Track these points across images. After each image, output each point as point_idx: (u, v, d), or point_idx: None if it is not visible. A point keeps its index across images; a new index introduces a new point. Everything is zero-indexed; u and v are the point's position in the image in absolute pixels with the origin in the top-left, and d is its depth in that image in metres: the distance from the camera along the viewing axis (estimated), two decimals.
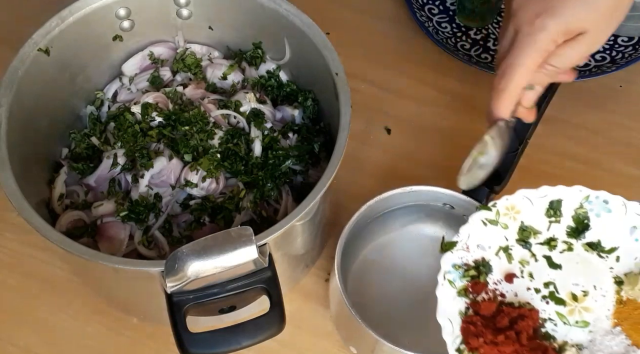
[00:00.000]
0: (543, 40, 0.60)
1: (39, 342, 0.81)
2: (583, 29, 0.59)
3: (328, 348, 0.81)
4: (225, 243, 0.62)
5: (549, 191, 0.69)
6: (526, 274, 0.68)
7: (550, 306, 0.67)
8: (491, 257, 0.69)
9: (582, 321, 0.66)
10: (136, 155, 0.78)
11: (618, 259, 0.68)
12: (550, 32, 0.59)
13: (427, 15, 1.02)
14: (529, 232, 0.70)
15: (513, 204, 0.70)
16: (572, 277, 0.68)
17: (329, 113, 0.79)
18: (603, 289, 0.68)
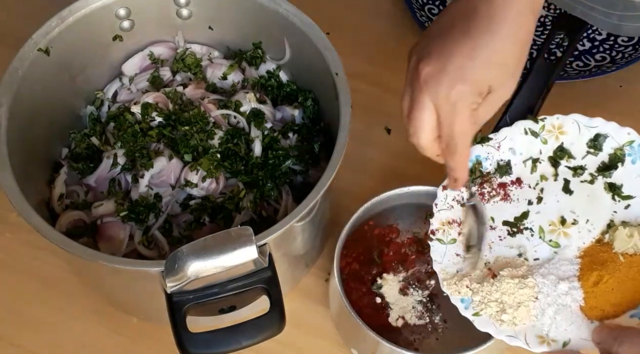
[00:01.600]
0: (465, 110, 0.61)
1: (39, 342, 0.81)
2: (490, 89, 0.61)
3: (328, 348, 0.81)
4: (225, 243, 0.62)
5: (601, 124, 0.71)
6: (538, 188, 0.72)
7: (537, 219, 0.71)
8: (517, 162, 0.72)
9: (555, 242, 0.71)
10: (136, 155, 0.78)
11: (627, 207, 0.71)
12: (468, 101, 0.61)
13: (427, 15, 1.02)
14: (564, 154, 0.72)
15: (561, 124, 0.72)
16: (574, 205, 0.71)
17: (329, 113, 0.79)
18: (593, 226, 0.71)
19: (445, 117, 0.62)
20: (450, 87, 0.60)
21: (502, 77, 0.61)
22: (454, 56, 0.60)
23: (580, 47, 1.00)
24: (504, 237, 0.72)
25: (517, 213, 0.72)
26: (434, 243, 0.71)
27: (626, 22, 0.90)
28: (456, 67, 0.60)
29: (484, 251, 0.71)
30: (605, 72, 0.96)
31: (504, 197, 0.72)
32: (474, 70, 0.60)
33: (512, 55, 0.60)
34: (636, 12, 0.90)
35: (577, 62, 0.99)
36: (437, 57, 0.61)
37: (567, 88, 0.95)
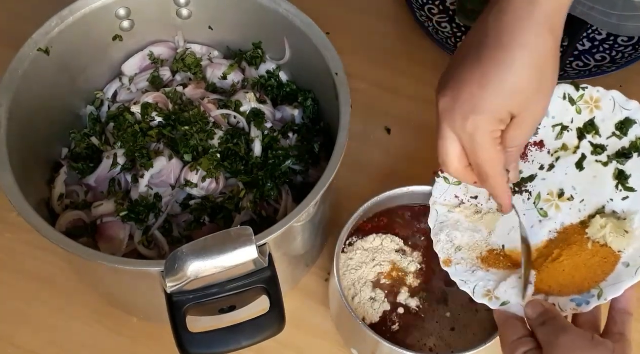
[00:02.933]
0: (484, 138, 0.60)
1: (39, 342, 0.81)
2: (512, 114, 0.60)
3: (328, 348, 0.81)
4: (225, 243, 0.62)
5: (634, 108, 0.70)
6: (555, 156, 0.72)
7: (540, 185, 0.72)
8: (547, 125, 0.72)
9: (544, 212, 0.71)
10: (136, 155, 0.78)
11: (624, 199, 0.70)
12: (485, 130, 0.60)
13: (427, 15, 1.02)
14: (593, 129, 0.71)
15: (599, 98, 0.71)
16: (578, 182, 0.71)
17: (329, 113, 0.79)
18: (585, 207, 0.70)
19: (467, 147, 0.62)
20: (465, 118, 0.60)
21: (520, 103, 0.59)
22: (466, 86, 0.59)
23: (580, 47, 1.00)
24: None
25: (526, 175, 0.72)
26: (439, 180, 0.73)
27: (626, 22, 0.91)
28: (468, 98, 0.59)
29: (481, 199, 0.72)
30: (605, 72, 0.96)
31: (522, 155, 0.72)
32: (486, 100, 0.59)
33: (527, 80, 0.58)
34: (636, 12, 0.90)
35: (577, 62, 0.99)
36: (452, 87, 0.60)
37: None
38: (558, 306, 0.65)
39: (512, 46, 0.57)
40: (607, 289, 0.64)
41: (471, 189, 0.73)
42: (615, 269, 0.66)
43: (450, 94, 0.60)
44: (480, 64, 0.59)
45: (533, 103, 0.60)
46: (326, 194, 0.69)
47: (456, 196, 0.74)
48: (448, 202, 0.73)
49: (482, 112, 0.59)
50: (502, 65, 0.58)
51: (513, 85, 0.58)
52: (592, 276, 0.66)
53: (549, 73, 0.59)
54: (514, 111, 0.60)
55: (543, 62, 0.58)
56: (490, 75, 0.58)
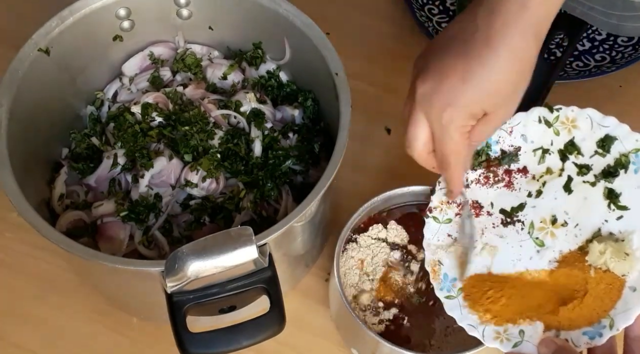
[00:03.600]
0: (456, 131, 0.62)
1: (39, 342, 0.81)
2: (485, 112, 0.61)
3: (328, 348, 0.81)
4: (225, 243, 0.62)
5: (612, 125, 0.69)
6: (541, 181, 0.71)
7: (531, 213, 0.71)
8: (527, 150, 0.71)
9: (540, 241, 0.70)
10: (136, 155, 0.78)
11: (619, 218, 0.69)
12: (459, 123, 0.61)
13: (427, 15, 1.02)
14: (574, 149, 0.71)
15: (575, 118, 0.71)
16: (569, 206, 0.70)
17: (329, 113, 0.79)
18: (581, 231, 0.69)
19: (437, 136, 0.63)
20: (442, 109, 0.61)
21: (495, 102, 0.61)
22: (448, 78, 0.60)
23: (580, 47, 1.00)
24: (497, 225, 0.71)
25: (515, 204, 0.71)
26: (429, 220, 0.72)
27: (626, 22, 0.91)
28: (449, 89, 0.60)
29: (475, 236, 0.71)
30: (605, 72, 0.96)
31: (507, 184, 0.72)
32: (466, 95, 0.60)
33: (507, 81, 0.59)
34: (636, 12, 0.90)
35: (577, 62, 0.99)
36: (433, 76, 0.61)
37: (567, 88, 0.95)
38: (571, 341, 0.64)
39: (499, 46, 0.58)
40: (617, 318, 0.63)
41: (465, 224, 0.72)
42: (623, 295, 0.65)
43: (431, 83, 0.61)
44: (466, 59, 0.59)
45: (506, 104, 0.61)
46: (326, 194, 0.69)
47: (449, 234, 0.72)
48: (442, 243, 0.72)
49: (460, 105, 0.60)
50: (487, 64, 0.58)
51: (494, 84, 0.59)
52: (600, 304, 0.65)
53: (525, 78, 0.60)
54: (488, 109, 0.61)
55: (523, 67, 0.59)
56: (475, 72, 0.59)
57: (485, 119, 0.62)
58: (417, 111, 0.63)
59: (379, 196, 0.75)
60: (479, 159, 0.72)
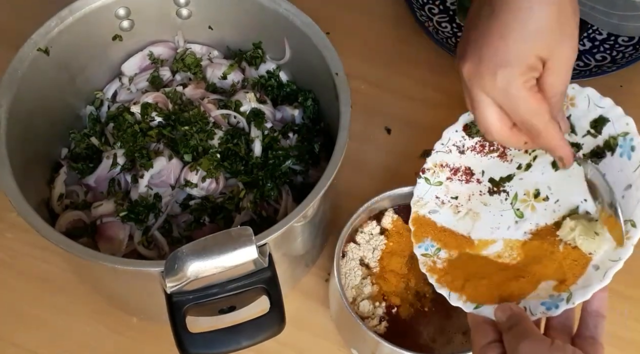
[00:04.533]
0: (520, 90, 0.58)
1: (39, 342, 0.81)
2: (541, 58, 0.58)
3: (328, 348, 0.81)
4: (225, 243, 0.62)
5: (608, 106, 0.69)
6: (532, 155, 0.72)
7: (517, 185, 0.72)
8: None
9: (520, 212, 0.72)
10: (136, 155, 0.78)
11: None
12: (518, 80, 0.58)
13: (427, 15, 1.02)
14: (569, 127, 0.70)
15: (574, 96, 0.70)
16: (553, 182, 0.71)
17: (329, 113, 0.79)
18: (560, 207, 0.70)
19: (505, 105, 0.60)
20: (493, 74, 0.58)
21: (545, 44, 0.57)
22: (486, 43, 0.58)
23: (580, 47, 1.00)
24: (484, 193, 0.73)
25: (504, 174, 0.73)
26: (420, 181, 0.74)
27: (627, 22, 0.91)
28: (491, 53, 0.58)
29: (461, 200, 0.73)
30: (606, 72, 0.96)
31: (501, 154, 0.73)
32: (509, 49, 0.57)
33: (548, 20, 0.56)
34: (637, 12, 0.90)
35: (578, 62, 0.99)
36: (472, 50, 0.59)
37: None
38: (529, 309, 0.64)
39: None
40: (576, 293, 0.63)
41: (451, 189, 0.74)
42: (586, 272, 0.65)
43: (472, 58, 0.59)
44: (496, 17, 0.57)
45: (560, 44, 0.58)
46: (326, 194, 0.69)
47: (437, 196, 0.74)
48: (429, 203, 0.74)
49: (510, 63, 0.57)
50: (519, 10, 0.56)
51: (534, 27, 0.56)
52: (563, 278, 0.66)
53: (568, 12, 0.57)
54: (542, 54, 0.58)
55: (560, 1, 0.57)
56: (510, 23, 0.56)
57: (548, 68, 0.59)
58: (474, 93, 0.60)
59: (379, 196, 0.75)
60: (474, 128, 0.72)
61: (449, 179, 0.74)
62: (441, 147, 0.74)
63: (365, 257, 0.75)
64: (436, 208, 0.74)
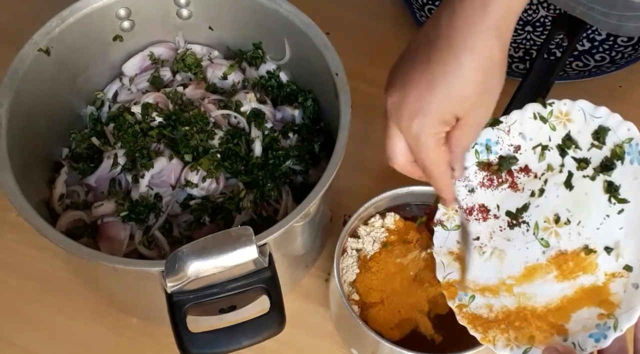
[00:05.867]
0: (429, 139, 0.61)
1: (39, 342, 0.81)
2: (457, 116, 0.60)
3: (328, 348, 0.81)
4: (225, 243, 0.62)
5: (604, 115, 0.68)
6: (543, 179, 0.70)
7: (535, 213, 0.70)
8: (527, 148, 0.70)
9: (546, 241, 0.69)
10: (136, 155, 0.78)
11: (620, 212, 0.68)
12: (429, 131, 0.60)
13: (427, 15, 1.02)
14: (571, 143, 0.70)
15: (568, 111, 0.69)
16: (571, 203, 0.69)
17: (329, 113, 0.79)
18: (584, 228, 0.68)
19: (412, 146, 0.63)
20: (410, 119, 0.60)
21: (464, 107, 0.60)
22: (414, 87, 0.60)
23: (580, 47, 1.00)
24: (504, 228, 0.71)
25: (520, 205, 0.71)
26: (437, 229, 0.72)
27: (626, 22, 0.90)
28: (415, 99, 0.60)
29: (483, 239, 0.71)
30: (605, 72, 0.96)
31: (511, 185, 0.71)
32: (432, 102, 0.59)
33: (474, 84, 0.58)
34: (636, 12, 0.90)
35: (577, 62, 0.99)
36: (400, 86, 0.61)
37: (567, 88, 0.95)
38: (577, 344, 0.64)
39: (461, 50, 0.57)
40: (621, 318, 0.63)
41: (471, 230, 0.71)
42: (626, 293, 0.64)
43: (398, 94, 0.61)
44: (429, 66, 0.59)
45: (477, 107, 0.60)
46: (326, 194, 0.69)
47: (457, 240, 0.72)
48: (452, 250, 0.72)
49: (428, 113, 0.59)
50: (450, 69, 0.58)
51: (460, 89, 0.58)
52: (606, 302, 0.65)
53: (494, 78, 0.59)
54: (459, 114, 0.60)
55: (489, 67, 0.58)
56: (438, 78, 0.58)
57: (460, 125, 0.61)
58: (390, 125, 0.63)
59: (379, 196, 0.76)
60: (477, 159, 0.71)
61: (466, 221, 0.72)
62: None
63: (363, 249, 0.75)
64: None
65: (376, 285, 0.73)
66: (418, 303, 0.73)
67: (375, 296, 0.73)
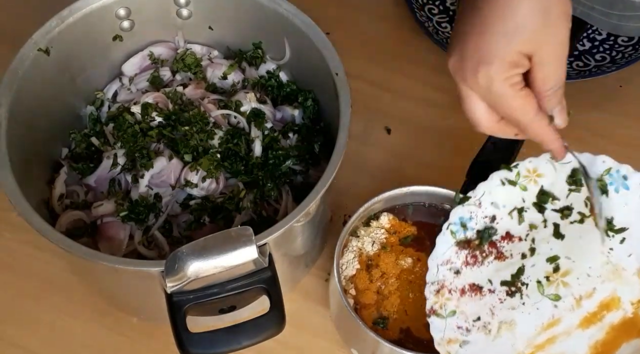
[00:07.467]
0: (502, 87, 0.57)
1: (39, 342, 0.81)
2: (525, 53, 0.57)
3: (328, 348, 0.81)
4: (225, 243, 0.62)
5: (574, 158, 0.66)
6: (529, 239, 0.68)
7: (533, 273, 0.68)
8: (503, 216, 0.68)
9: (555, 295, 0.67)
10: (136, 155, 0.78)
11: (622, 241, 0.67)
12: (499, 78, 0.57)
13: (427, 15, 1.02)
14: (548, 197, 0.68)
15: (536, 167, 0.67)
16: (568, 250, 0.68)
17: (329, 113, 0.79)
18: (591, 269, 0.67)
19: (489, 101, 0.59)
20: (475, 72, 0.57)
21: (528, 40, 0.55)
22: (468, 39, 0.57)
23: (580, 47, 1.00)
24: (503, 299, 0.68)
25: (513, 271, 0.68)
26: (432, 320, 0.67)
27: (626, 22, 0.91)
28: (472, 50, 0.57)
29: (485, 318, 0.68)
30: (605, 72, 0.96)
31: (497, 256, 0.69)
32: (489, 47, 0.56)
33: (529, 14, 0.54)
34: (636, 12, 0.90)
35: (577, 62, 0.99)
36: (456, 46, 0.58)
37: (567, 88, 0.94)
38: None
39: None
40: None
41: (468, 312, 0.68)
42: None
43: (456, 53, 0.58)
44: (476, 13, 0.56)
45: (545, 35, 0.56)
46: (326, 194, 0.69)
47: (457, 326, 0.68)
48: (455, 338, 0.67)
49: (490, 60, 0.56)
50: (502, 10, 0.55)
51: (513, 23, 0.55)
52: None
53: (555, 7, 0.56)
54: (525, 50, 0.56)
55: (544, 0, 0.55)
56: (489, 19, 0.56)
57: (536, 62, 0.57)
58: (460, 87, 0.59)
59: (379, 196, 0.75)
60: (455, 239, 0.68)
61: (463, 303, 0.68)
62: (432, 276, 0.67)
63: (362, 248, 0.75)
64: (464, 338, 0.67)
65: (372, 287, 0.73)
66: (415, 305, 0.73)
67: (370, 297, 0.73)
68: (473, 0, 0.58)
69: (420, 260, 0.74)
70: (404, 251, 0.75)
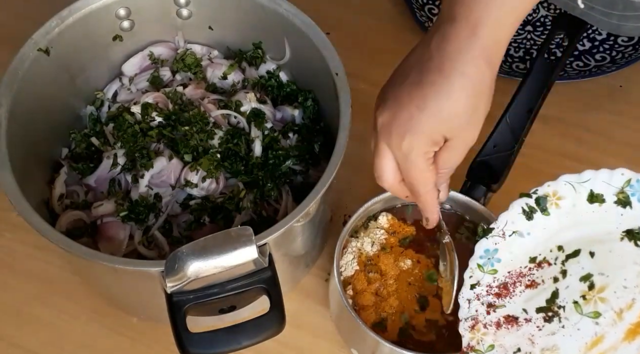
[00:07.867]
0: (418, 158, 0.62)
1: (39, 342, 0.81)
2: (445, 137, 0.61)
3: (328, 348, 0.81)
4: (225, 243, 0.62)
5: (591, 176, 0.66)
6: (559, 262, 0.68)
7: (569, 294, 0.67)
8: (528, 243, 0.68)
9: (595, 312, 0.66)
10: (136, 155, 0.78)
11: None
12: (419, 150, 0.61)
13: (427, 15, 1.02)
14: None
15: (555, 191, 0.68)
16: (600, 266, 0.67)
17: (329, 113, 0.79)
18: (626, 280, 0.66)
19: (401, 165, 0.63)
20: (401, 138, 0.61)
21: (454, 128, 0.60)
22: (405, 107, 0.61)
23: (580, 47, 1.00)
24: (541, 326, 0.67)
25: (548, 295, 0.68)
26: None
27: (626, 22, 0.90)
28: (406, 118, 0.60)
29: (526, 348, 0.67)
30: (605, 72, 0.96)
31: (529, 284, 0.68)
32: (422, 122, 0.60)
33: (464, 107, 0.59)
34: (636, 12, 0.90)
35: (577, 62, 0.99)
36: (391, 105, 0.62)
37: (567, 88, 0.95)
38: None
39: (452, 74, 0.58)
40: None
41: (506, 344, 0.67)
42: None
43: (389, 112, 0.62)
44: (421, 87, 0.60)
45: (466, 128, 0.61)
46: (326, 194, 0.69)
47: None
48: None
49: (418, 133, 0.60)
50: (441, 91, 0.59)
51: (449, 110, 0.59)
52: None
53: (482, 102, 0.60)
54: (448, 135, 0.61)
55: (478, 91, 0.60)
56: (430, 99, 0.59)
57: (447, 146, 0.62)
58: (380, 142, 0.63)
59: (379, 196, 0.75)
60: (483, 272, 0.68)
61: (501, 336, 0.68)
62: (465, 313, 0.68)
63: (363, 249, 0.75)
64: None
65: (371, 288, 0.73)
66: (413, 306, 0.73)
67: (367, 299, 0.73)
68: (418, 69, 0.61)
69: (420, 262, 0.75)
70: (404, 252, 0.75)
